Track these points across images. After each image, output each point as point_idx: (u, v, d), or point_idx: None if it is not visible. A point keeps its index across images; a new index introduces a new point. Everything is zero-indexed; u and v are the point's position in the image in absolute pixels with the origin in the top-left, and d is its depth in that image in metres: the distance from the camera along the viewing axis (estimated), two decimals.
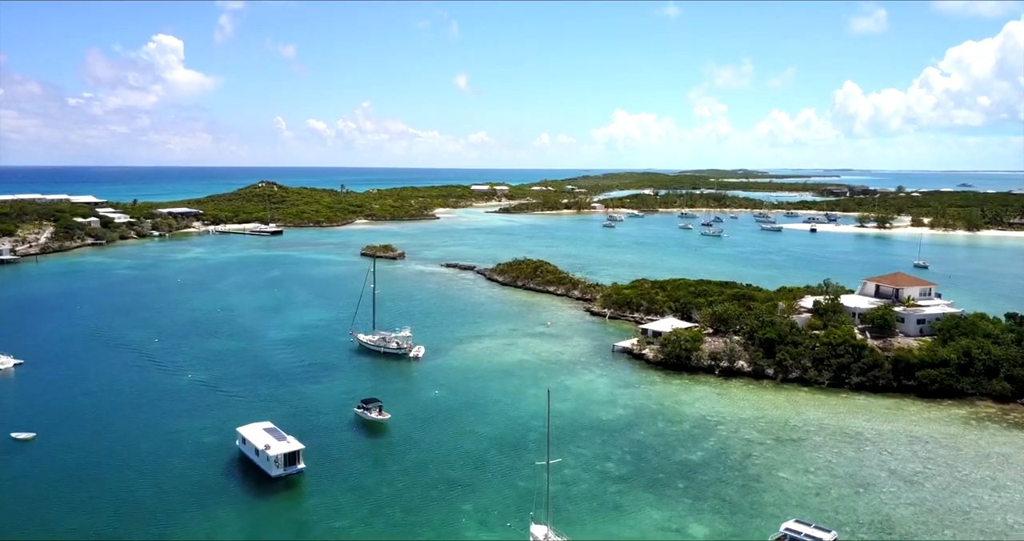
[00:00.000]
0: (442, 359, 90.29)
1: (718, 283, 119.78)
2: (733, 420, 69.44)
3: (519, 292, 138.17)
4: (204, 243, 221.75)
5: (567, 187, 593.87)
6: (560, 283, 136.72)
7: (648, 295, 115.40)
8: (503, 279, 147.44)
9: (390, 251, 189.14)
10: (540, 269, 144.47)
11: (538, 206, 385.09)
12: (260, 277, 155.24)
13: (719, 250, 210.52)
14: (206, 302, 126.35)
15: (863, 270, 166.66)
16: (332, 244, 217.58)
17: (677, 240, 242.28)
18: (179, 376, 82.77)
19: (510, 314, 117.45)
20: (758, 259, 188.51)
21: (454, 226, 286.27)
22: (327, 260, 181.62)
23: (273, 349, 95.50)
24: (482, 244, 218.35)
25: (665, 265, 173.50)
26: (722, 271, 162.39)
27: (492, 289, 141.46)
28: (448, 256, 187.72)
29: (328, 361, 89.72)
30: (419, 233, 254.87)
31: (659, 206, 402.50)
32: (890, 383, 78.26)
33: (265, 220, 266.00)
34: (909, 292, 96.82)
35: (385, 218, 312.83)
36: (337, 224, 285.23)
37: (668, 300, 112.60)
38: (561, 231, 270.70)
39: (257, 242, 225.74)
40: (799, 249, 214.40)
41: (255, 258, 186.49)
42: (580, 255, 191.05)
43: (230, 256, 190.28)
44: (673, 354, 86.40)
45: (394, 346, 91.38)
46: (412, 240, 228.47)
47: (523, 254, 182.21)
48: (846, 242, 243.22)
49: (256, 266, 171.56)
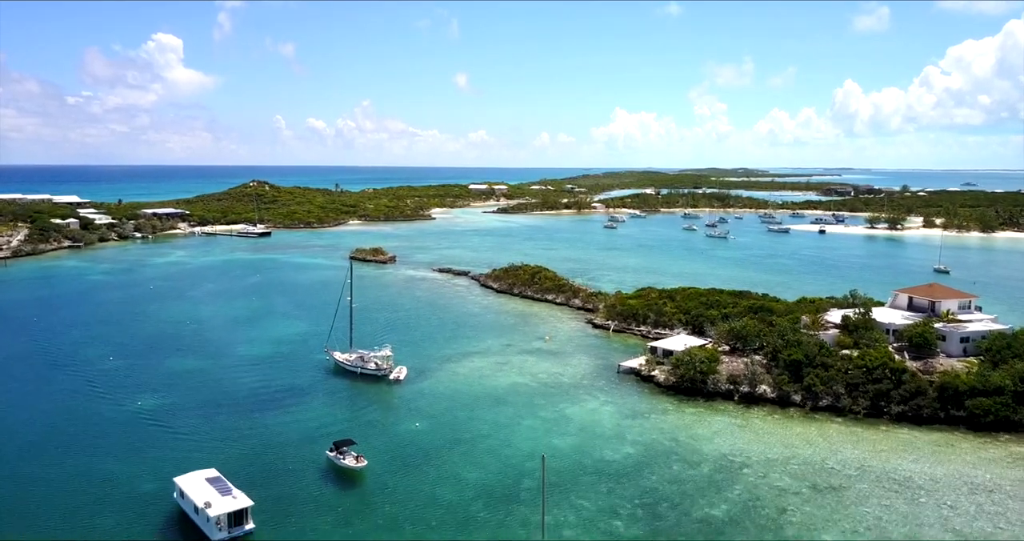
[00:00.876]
0: (426, 382, 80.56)
1: (732, 293, 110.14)
2: (760, 461, 59.77)
3: (515, 301, 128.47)
4: (187, 245, 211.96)
5: (567, 186, 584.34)
6: (559, 291, 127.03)
7: (655, 306, 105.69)
8: (498, 286, 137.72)
9: (380, 254, 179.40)
10: (538, 275, 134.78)
11: (537, 206, 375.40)
12: (239, 283, 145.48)
13: (726, 253, 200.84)
14: (175, 313, 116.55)
15: (880, 275, 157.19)
16: (321, 247, 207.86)
17: (681, 242, 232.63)
18: (127, 404, 73.03)
19: (505, 326, 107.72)
20: (768, 263, 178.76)
21: (450, 227, 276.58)
22: (313, 264, 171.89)
23: (240, 369, 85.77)
24: (478, 247, 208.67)
25: (671, 270, 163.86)
26: (731, 276, 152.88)
27: (486, 297, 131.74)
28: (441, 260, 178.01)
29: (298, 384, 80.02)
30: (413, 235, 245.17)
31: (661, 206, 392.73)
32: (936, 413, 68.55)
33: (253, 221, 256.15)
34: (947, 305, 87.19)
35: (379, 219, 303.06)
36: (329, 225, 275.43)
37: (678, 312, 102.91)
38: (561, 232, 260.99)
39: (243, 244, 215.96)
40: (809, 252, 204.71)
41: (238, 262, 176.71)
42: (581, 259, 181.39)
43: (212, 260, 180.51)
44: (687, 377, 76.69)
45: (372, 367, 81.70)
46: (405, 242, 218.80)
47: (520, 258, 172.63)
48: (857, 244, 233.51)
49: (237, 271, 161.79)
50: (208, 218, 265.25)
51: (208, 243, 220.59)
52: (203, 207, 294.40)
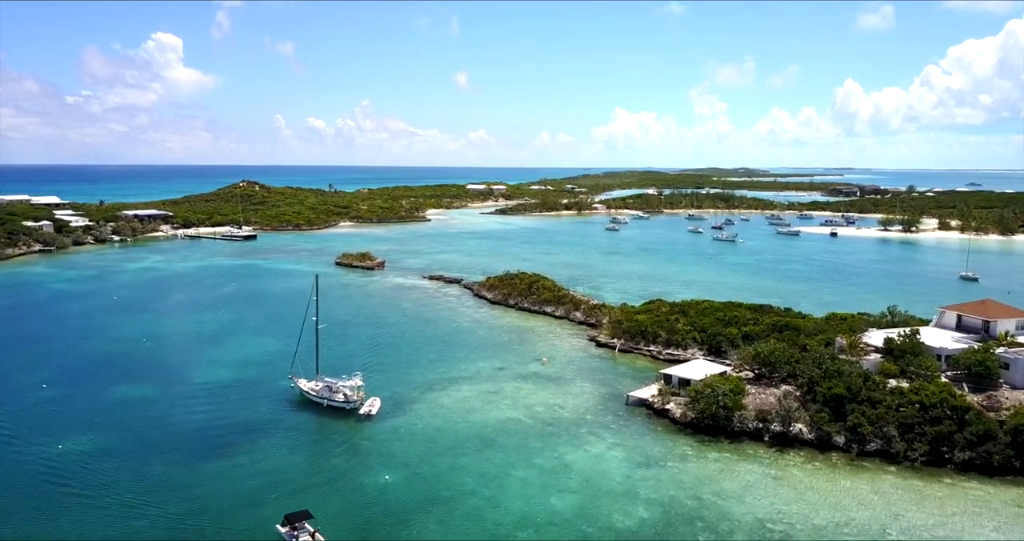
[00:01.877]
0: (403, 417, 69.28)
1: (751, 307, 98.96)
2: (805, 528, 48.53)
3: (511, 313, 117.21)
4: (166, 249, 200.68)
5: (567, 186, 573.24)
6: (559, 303, 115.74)
7: (666, 322, 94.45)
8: (492, 296, 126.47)
9: (367, 260, 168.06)
10: (535, 285, 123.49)
11: (536, 207, 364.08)
12: (211, 293, 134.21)
13: (736, 258, 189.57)
14: (134, 328, 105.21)
15: (906, 284, 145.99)
16: (308, 251, 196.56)
17: (688, 245, 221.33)
18: (47, 447, 61.82)
19: (497, 345, 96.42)
20: (782, 270, 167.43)
21: (445, 229, 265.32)
22: (296, 271, 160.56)
23: (192, 400, 74.54)
24: (473, 251, 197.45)
25: (678, 277, 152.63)
26: (744, 285, 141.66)
27: (479, 309, 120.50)
28: (433, 265, 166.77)
29: (256, 420, 68.78)
30: (406, 237, 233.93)
31: (664, 207, 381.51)
32: (1010, 461, 57.33)
33: (238, 223, 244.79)
34: (1004, 326, 75.98)
35: (372, 220, 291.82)
36: (318, 227, 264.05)
37: (692, 330, 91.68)
38: (560, 235, 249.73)
39: (226, 248, 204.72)
40: (824, 257, 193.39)
41: (216, 268, 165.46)
42: (581, 264, 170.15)
43: (188, 266, 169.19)
44: (708, 413, 65.47)
45: (340, 398, 70.46)
46: (396, 246, 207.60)
47: (518, 263, 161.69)
48: (873, 248, 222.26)
49: (213, 278, 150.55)
50: (192, 220, 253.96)
51: (189, 247, 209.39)
52: (189, 208, 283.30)
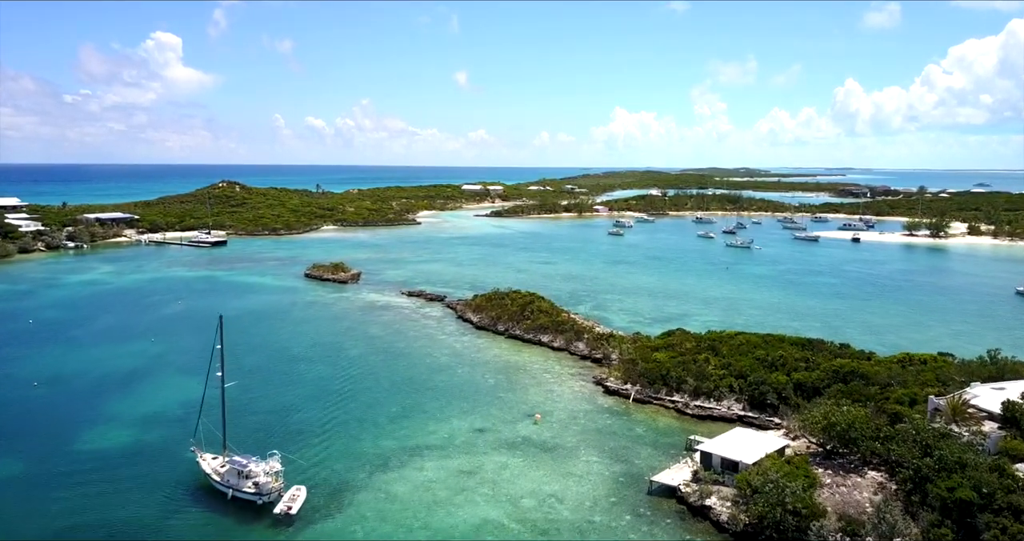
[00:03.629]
0: (336, 518, 49.53)
1: (797, 342, 79.46)
2: None
3: (499, 342, 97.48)
4: (122, 258, 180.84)
5: (566, 187, 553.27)
6: (558, 330, 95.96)
7: (693, 364, 74.82)
8: (479, 320, 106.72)
9: (341, 271, 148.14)
10: (530, 307, 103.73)
11: (534, 209, 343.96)
12: (149, 315, 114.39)
13: (755, 268, 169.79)
14: (31, 365, 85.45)
15: (960, 302, 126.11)
16: (279, 260, 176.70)
17: (699, 253, 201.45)
18: None
19: (480, 391, 76.67)
20: (811, 283, 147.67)
21: (435, 234, 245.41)
22: (258, 286, 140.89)
23: (64, 481, 54.93)
24: (463, 259, 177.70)
25: (696, 293, 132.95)
26: (772, 303, 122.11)
27: (462, 336, 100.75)
28: (416, 278, 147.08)
29: (133, 520, 49.12)
30: (391, 243, 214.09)
31: (668, 208, 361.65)
32: None
33: (207, 227, 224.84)
34: None
35: (357, 224, 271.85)
36: (298, 231, 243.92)
37: (726, 374, 72.11)
38: (560, 240, 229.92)
39: (190, 256, 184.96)
40: (853, 267, 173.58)
41: (169, 281, 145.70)
42: (584, 277, 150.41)
43: (138, 278, 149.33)
44: (770, 520, 45.78)
45: (250, 489, 50.73)
46: (379, 253, 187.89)
47: (511, 275, 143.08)
48: (902, 256, 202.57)
49: (160, 295, 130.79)
50: (160, 224, 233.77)
51: (150, 254, 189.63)
52: (162, 210, 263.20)
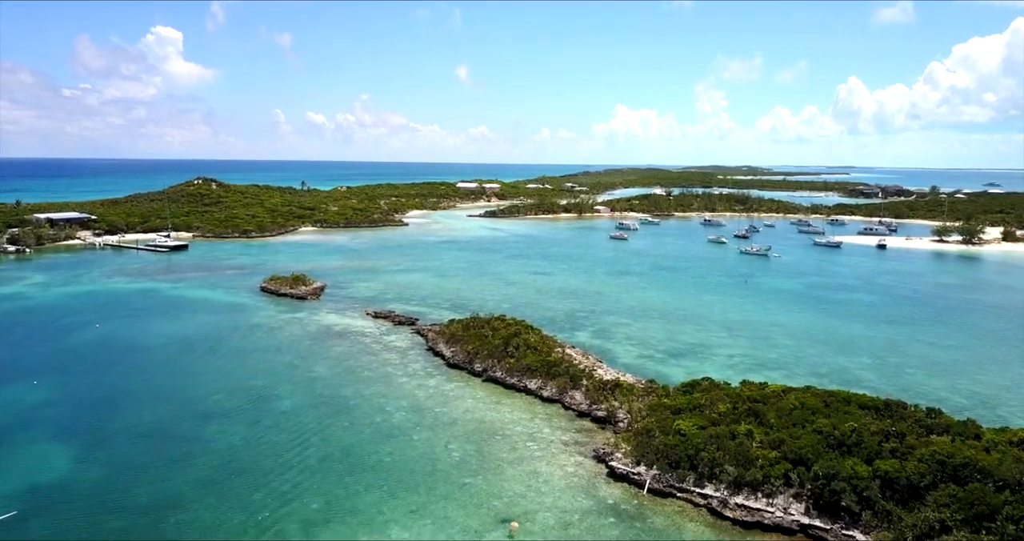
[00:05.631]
0: None
1: (870, 404, 59.30)
2: None
3: (475, 388, 77.35)
4: (64, 264, 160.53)
5: (566, 185, 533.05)
6: (549, 374, 75.66)
7: (728, 437, 54.74)
8: (452, 354, 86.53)
9: (301, 285, 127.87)
10: (515, 340, 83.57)
11: (532, 209, 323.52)
12: (51, 345, 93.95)
13: (776, 281, 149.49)
14: None
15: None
16: (238, 268, 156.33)
17: (712, 261, 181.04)
18: None
19: (438, 474, 56.40)
20: (845, 301, 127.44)
21: (421, 237, 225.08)
22: (202, 302, 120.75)
23: None
24: (447, 269, 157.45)
25: (713, 314, 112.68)
26: (806, 327, 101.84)
27: (429, 378, 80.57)
28: (387, 293, 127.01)
29: None
30: (370, 248, 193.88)
31: (674, 209, 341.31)
32: None
33: (168, 229, 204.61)
34: None
35: (338, 225, 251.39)
36: (272, 233, 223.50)
37: (777, 455, 52.05)
38: (558, 245, 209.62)
39: (142, 262, 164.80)
40: (887, 279, 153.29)
41: (101, 296, 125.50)
42: (583, 292, 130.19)
43: (67, 292, 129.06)
44: None
45: None
46: (354, 260, 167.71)
47: (500, 288, 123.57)
48: (937, 266, 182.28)
49: (80, 314, 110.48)
50: (118, 224, 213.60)
51: (99, 259, 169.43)
52: (127, 210, 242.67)
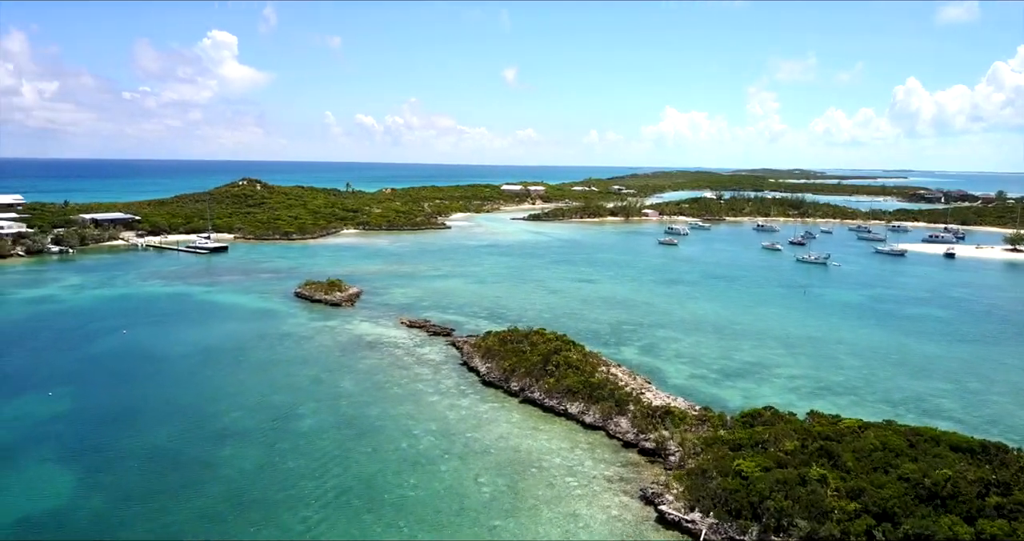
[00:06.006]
0: None
1: (963, 446, 51.10)
2: None
3: (510, 410, 70.93)
4: (104, 266, 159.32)
5: (613, 187, 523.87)
6: (591, 397, 68.90)
7: (798, 483, 47.22)
8: (488, 371, 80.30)
9: (336, 290, 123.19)
10: (555, 358, 76.92)
11: (577, 211, 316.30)
12: (74, 352, 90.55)
13: (837, 292, 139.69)
14: None
15: None
16: (275, 272, 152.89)
17: (767, 270, 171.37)
18: None
19: (465, 515, 50.05)
20: (916, 317, 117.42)
21: (463, 240, 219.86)
22: (233, 308, 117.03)
23: None
24: (487, 274, 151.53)
25: (773, 330, 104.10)
26: (877, 348, 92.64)
27: (462, 397, 74.47)
28: (424, 300, 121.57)
29: None
30: (411, 251, 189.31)
31: (725, 213, 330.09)
32: None
33: (208, 230, 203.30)
34: None
35: (380, 227, 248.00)
36: (313, 236, 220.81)
37: (857, 507, 44.32)
38: (603, 251, 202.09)
39: (180, 264, 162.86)
40: (961, 293, 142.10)
41: (133, 300, 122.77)
42: (630, 301, 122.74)
43: (100, 295, 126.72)
44: None
45: None
46: (393, 264, 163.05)
47: (542, 296, 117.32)
48: (1012, 277, 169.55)
49: (109, 319, 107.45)
50: (161, 225, 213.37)
51: (139, 261, 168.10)
52: (171, 210, 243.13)
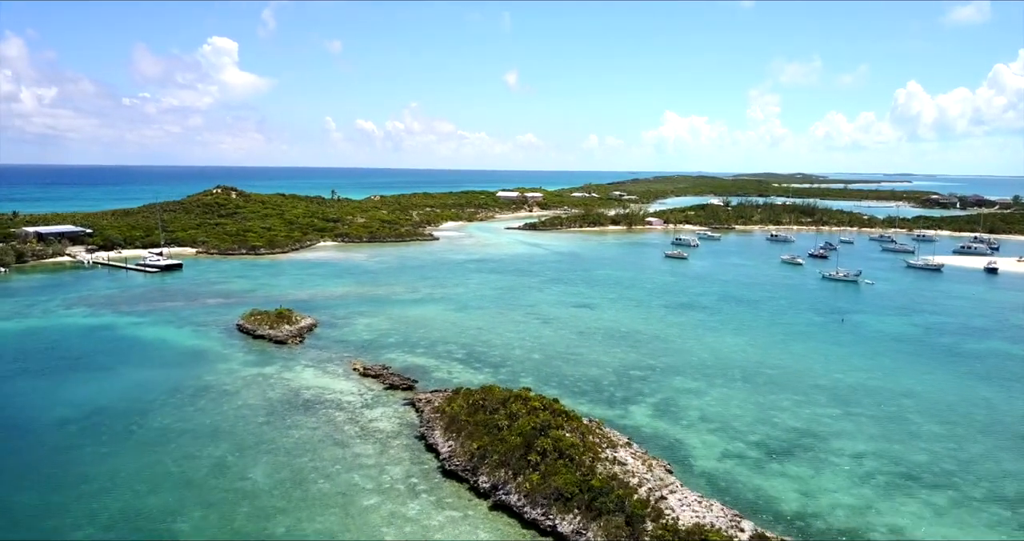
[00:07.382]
0: None
1: None
2: None
3: (476, 522, 50.07)
4: (32, 288, 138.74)
5: (614, 193, 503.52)
6: (590, 507, 48.26)
7: None
8: (450, 453, 59.40)
9: (285, 323, 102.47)
10: (541, 439, 56.17)
11: (576, 220, 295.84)
12: None
13: (880, 320, 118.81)
14: None
15: None
16: (225, 296, 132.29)
17: (791, 289, 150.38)
18: None
19: None
20: (983, 355, 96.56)
21: (450, 254, 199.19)
22: (157, 347, 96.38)
23: None
24: (471, 298, 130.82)
25: (816, 376, 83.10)
26: (955, 405, 71.22)
27: (411, 499, 53.59)
28: (392, 333, 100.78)
29: None
30: (389, 268, 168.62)
31: (734, 221, 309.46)
32: None
33: (160, 246, 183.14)
34: None
35: (361, 239, 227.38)
36: (283, 250, 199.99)
37: None
38: (605, 266, 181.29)
39: (121, 286, 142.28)
40: (1021, 317, 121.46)
41: (43, 335, 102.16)
42: (637, 335, 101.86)
43: (4, 329, 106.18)
44: None
45: None
46: (364, 285, 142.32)
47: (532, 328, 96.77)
48: None
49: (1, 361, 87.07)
50: (115, 239, 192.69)
51: (79, 281, 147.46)
52: (131, 222, 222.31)
